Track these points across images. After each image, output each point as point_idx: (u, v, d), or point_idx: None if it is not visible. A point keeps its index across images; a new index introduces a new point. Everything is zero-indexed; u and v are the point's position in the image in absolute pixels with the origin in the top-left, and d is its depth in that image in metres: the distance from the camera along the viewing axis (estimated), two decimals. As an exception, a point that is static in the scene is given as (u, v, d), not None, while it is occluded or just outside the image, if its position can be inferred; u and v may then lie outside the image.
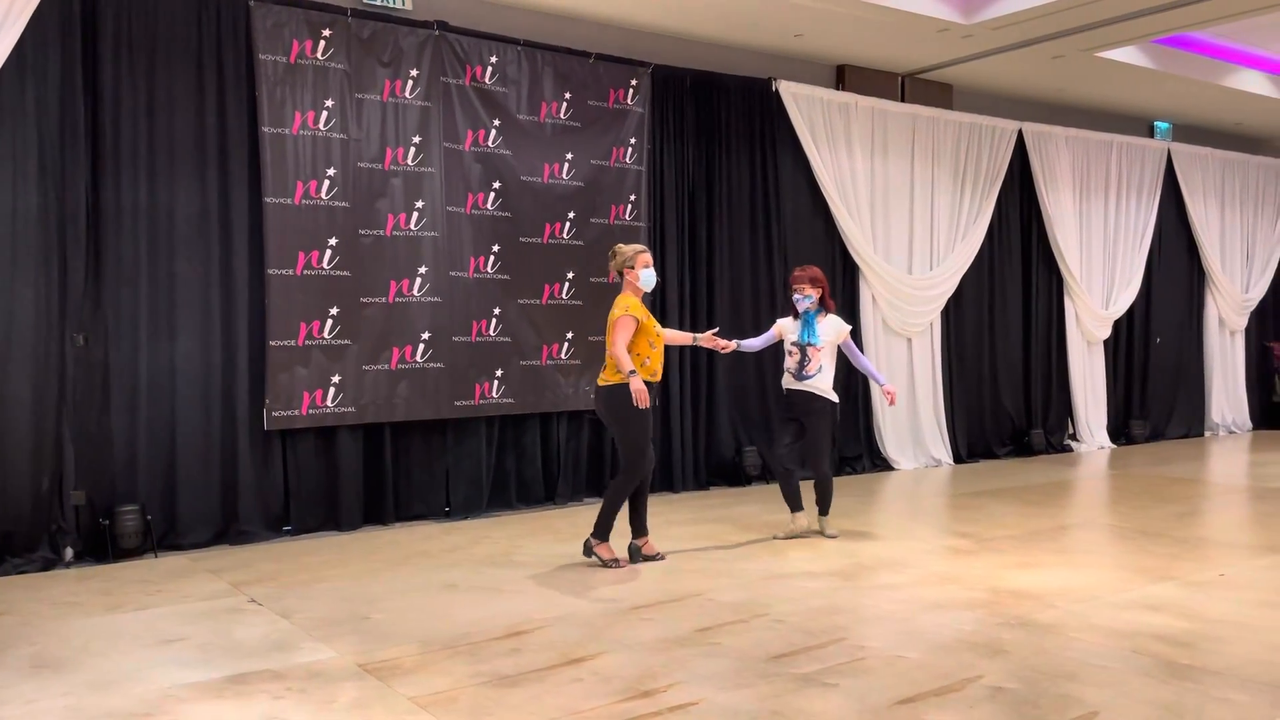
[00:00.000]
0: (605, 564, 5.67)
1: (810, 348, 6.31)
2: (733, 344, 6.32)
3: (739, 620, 4.65)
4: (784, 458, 6.42)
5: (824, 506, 6.48)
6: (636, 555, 5.81)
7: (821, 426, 6.33)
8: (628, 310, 5.58)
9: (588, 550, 5.75)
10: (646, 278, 5.73)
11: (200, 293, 6.36)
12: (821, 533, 6.48)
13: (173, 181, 6.26)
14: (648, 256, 5.76)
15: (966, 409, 10.15)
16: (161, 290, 6.24)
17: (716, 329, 6.80)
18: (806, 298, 6.31)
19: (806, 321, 6.36)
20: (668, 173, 8.25)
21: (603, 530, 5.72)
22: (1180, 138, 12.13)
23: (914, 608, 4.85)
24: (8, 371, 5.76)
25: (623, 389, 5.53)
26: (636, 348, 5.61)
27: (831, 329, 6.36)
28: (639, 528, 5.85)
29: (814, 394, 6.31)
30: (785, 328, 6.48)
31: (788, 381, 6.43)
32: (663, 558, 5.89)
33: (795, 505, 6.46)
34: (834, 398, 6.39)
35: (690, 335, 6.25)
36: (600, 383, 5.72)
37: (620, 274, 5.77)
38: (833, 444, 6.48)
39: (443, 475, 7.23)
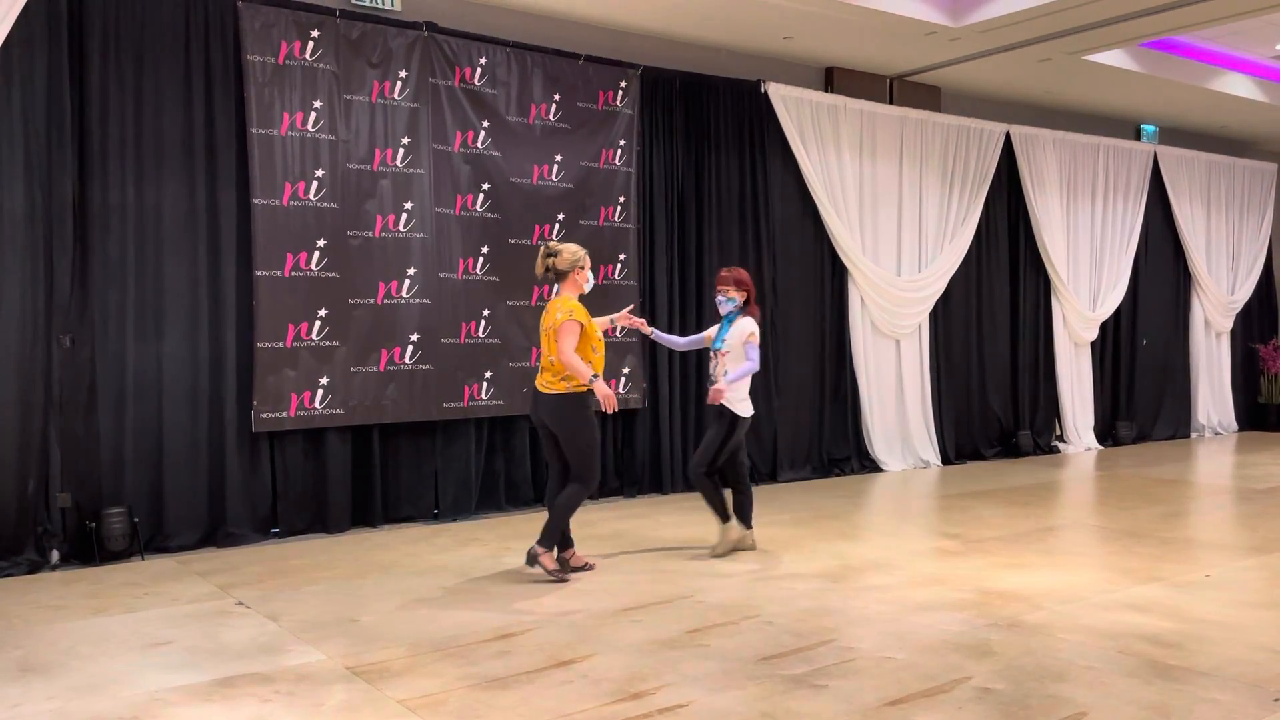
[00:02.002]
0: (550, 574, 5.38)
1: (717, 352, 5.94)
2: (650, 330, 6.05)
3: (728, 622, 4.66)
4: (695, 466, 5.99)
5: (742, 514, 6.10)
6: (565, 568, 5.54)
7: (718, 433, 5.88)
8: (572, 314, 5.30)
9: (532, 560, 5.37)
10: (591, 279, 5.58)
11: (188, 294, 6.33)
12: (746, 543, 6.09)
13: (160, 182, 6.23)
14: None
15: (954, 411, 10.18)
16: (149, 291, 6.22)
17: (633, 305, 6.64)
18: (729, 300, 5.92)
19: (723, 325, 5.97)
20: (657, 174, 8.26)
21: (550, 539, 5.41)
22: (1166, 140, 12.19)
23: (902, 609, 4.86)
24: (-7, 373, 5.74)
25: (573, 397, 5.32)
26: (580, 352, 5.34)
27: (736, 331, 5.90)
28: (564, 540, 5.58)
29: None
30: (711, 332, 6.15)
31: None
32: (593, 567, 5.68)
33: (743, 520, 6.12)
34: (737, 408, 5.87)
35: (607, 320, 5.90)
36: (543, 389, 5.40)
37: (558, 273, 5.45)
38: (719, 453, 5.90)
39: (431, 477, 7.22)
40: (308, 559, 6.02)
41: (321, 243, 6.68)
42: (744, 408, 5.94)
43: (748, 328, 5.92)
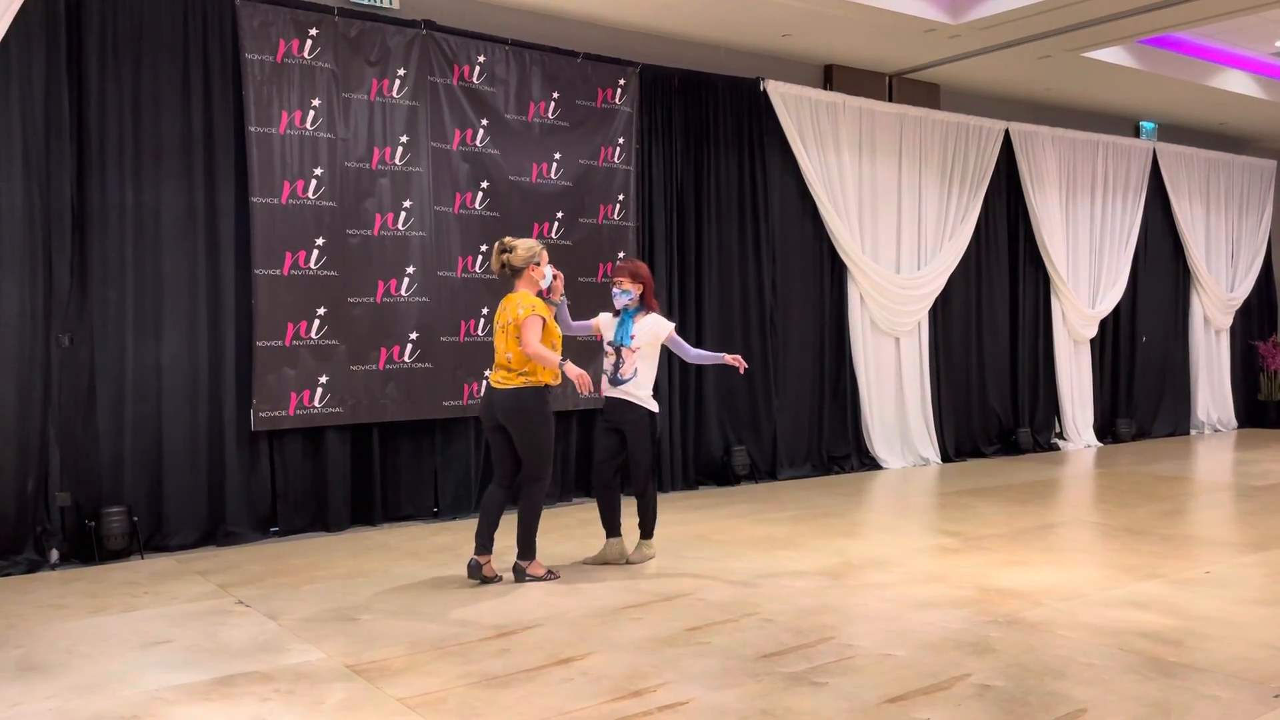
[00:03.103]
0: (544, 579, 5.36)
1: (623, 349, 5.63)
2: (561, 296, 5.65)
3: (728, 620, 4.65)
4: (601, 472, 5.75)
5: (645, 528, 5.84)
6: (475, 572, 5.31)
7: (639, 438, 5.64)
8: (534, 309, 5.20)
9: (520, 575, 5.35)
10: (549, 274, 5.45)
11: (187, 293, 6.33)
12: (627, 559, 5.80)
13: (159, 181, 6.23)
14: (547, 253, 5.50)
15: (954, 408, 10.18)
16: (147, 290, 6.21)
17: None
18: (625, 293, 5.64)
19: (623, 320, 5.68)
20: (656, 172, 8.25)
21: (529, 549, 5.36)
22: (1165, 137, 12.19)
23: (902, 606, 4.86)
24: (-8, 372, 5.73)
25: (531, 392, 5.22)
26: (518, 362, 5.26)
27: (648, 329, 5.65)
28: (485, 543, 5.33)
29: (629, 401, 5.62)
30: (603, 324, 5.79)
31: (605, 387, 5.73)
32: (500, 579, 5.38)
33: (611, 529, 5.78)
34: (652, 406, 5.67)
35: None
36: (499, 385, 5.27)
37: (514, 269, 5.34)
38: (656, 459, 5.83)
39: (431, 475, 7.21)
40: (307, 558, 6.02)
41: (320, 241, 6.67)
42: (655, 404, 5.71)
43: (664, 327, 5.69)
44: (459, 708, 3.62)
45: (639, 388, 5.64)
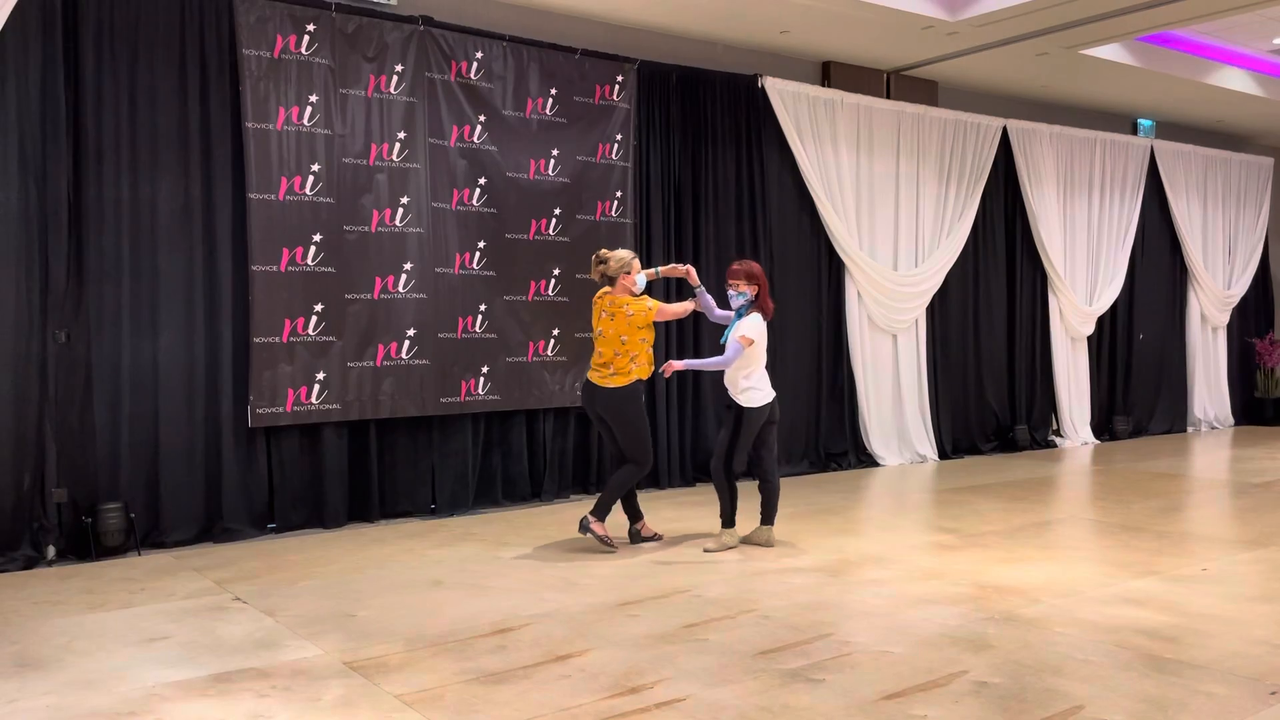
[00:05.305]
0: (601, 540, 5.93)
1: (724, 347, 5.98)
2: (697, 283, 6.17)
3: (726, 616, 4.66)
4: (752, 468, 6.15)
5: (764, 508, 6.16)
6: (636, 538, 6.17)
7: (728, 427, 6.02)
8: (646, 308, 5.88)
9: (584, 528, 5.93)
10: (641, 281, 6.01)
11: (183, 289, 6.32)
12: (740, 539, 6.15)
13: (155, 177, 6.21)
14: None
15: (951, 405, 10.19)
16: (144, 286, 6.20)
17: (684, 268, 6.29)
18: (740, 294, 5.93)
19: (736, 318, 5.98)
20: (654, 169, 8.24)
21: (603, 510, 5.96)
22: (1163, 135, 12.19)
23: (899, 603, 4.86)
24: (-11, 368, 5.72)
25: (629, 390, 5.88)
26: (630, 345, 5.88)
27: (735, 329, 5.92)
28: (634, 512, 6.22)
29: (732, 395, 6.02)
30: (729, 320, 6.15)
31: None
32: (660, 538, 6.26)
33: (764, 517, 6.17)
34: (743, 401, 5.91)
35: (653, 270, 6.27)
36: (601, 383, 5.94)
37: (609, 279, 5.99)
38: (732, 449, 6.00)
39: (428, 472, 7.21)
40: (304, 554, 6.02)
41: (318, 237, 6.66)
42: (750, 398, 5.93)
43: (743, 328, 5.88)
44: (456, 704, 3.62)
45: (743, 381, 5.95)
